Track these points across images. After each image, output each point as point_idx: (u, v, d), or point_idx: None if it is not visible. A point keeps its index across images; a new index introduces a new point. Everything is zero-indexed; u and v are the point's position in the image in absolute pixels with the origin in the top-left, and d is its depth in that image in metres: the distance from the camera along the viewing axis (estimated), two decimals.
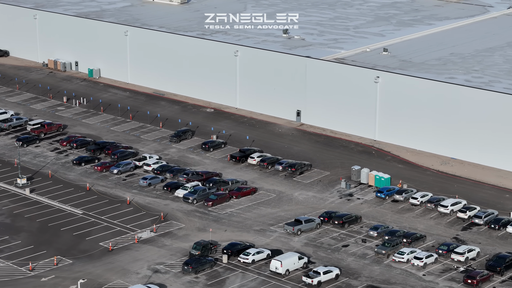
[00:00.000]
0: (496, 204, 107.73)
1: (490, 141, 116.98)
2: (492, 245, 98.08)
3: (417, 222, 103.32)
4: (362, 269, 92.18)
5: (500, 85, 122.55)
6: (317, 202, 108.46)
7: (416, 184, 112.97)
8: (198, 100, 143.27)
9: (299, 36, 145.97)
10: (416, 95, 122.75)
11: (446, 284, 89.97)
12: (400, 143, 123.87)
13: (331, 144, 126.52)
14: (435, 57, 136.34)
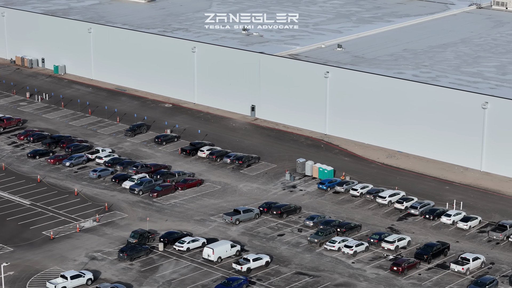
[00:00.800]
0: (435, 195, 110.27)
1: (435, 135, 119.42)
2: (425, 235, 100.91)
3: (355, 213, 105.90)
4: (294, 257, 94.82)
5: (446, 80, 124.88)
6: (260, 193, 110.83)
7: (360, 176, 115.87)
8: (158, 96, 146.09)
9: (257, 33, 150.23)
10: (364, 89, 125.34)
11: (373, 271, 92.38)
12: (349, 137, 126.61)
13: (282, 138, 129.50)
14: (388, 53, 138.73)
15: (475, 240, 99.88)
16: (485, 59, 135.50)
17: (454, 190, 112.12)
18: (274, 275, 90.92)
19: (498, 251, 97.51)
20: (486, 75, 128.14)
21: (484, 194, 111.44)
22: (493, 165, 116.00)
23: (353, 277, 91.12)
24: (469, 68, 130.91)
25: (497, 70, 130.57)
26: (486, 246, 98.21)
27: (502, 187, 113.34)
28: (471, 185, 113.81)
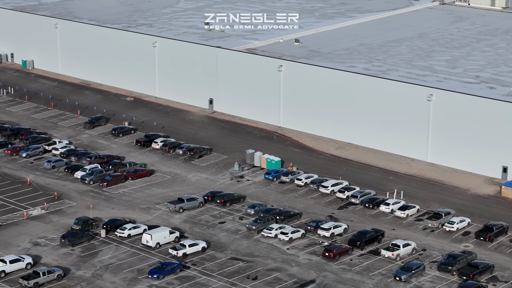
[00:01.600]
0: (378, 185, 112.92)
1: (383, 127, 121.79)
2: (363, 223, 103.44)
3: (297, 202, 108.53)
4: (231, 243, 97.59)
5: (396, 73, 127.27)
6: (208, 183, 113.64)
7: (307, 167, 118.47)
8: (121, 90, 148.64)
9: (219, 28, 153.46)
10: (316, 83, 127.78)
11: (306, 257, 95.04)
12: (302, 129, 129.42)
13: (237, 130, 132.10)
14: (344, 47, 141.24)
15: (411, 228, 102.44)
16: (438, 53, 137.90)
17: (398, 180, 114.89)
18: (209, 260, 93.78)
19: (432, 239, 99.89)
20: (436, 68, 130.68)
21: (426, 184, 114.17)
22: (438, 156, 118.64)
23: (285, 263, 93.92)
24: (421, 62, 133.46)
25: (448, 63, 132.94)
26: (421, 233, 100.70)
27: (445, 177, 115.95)
28: (415, 175, 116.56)
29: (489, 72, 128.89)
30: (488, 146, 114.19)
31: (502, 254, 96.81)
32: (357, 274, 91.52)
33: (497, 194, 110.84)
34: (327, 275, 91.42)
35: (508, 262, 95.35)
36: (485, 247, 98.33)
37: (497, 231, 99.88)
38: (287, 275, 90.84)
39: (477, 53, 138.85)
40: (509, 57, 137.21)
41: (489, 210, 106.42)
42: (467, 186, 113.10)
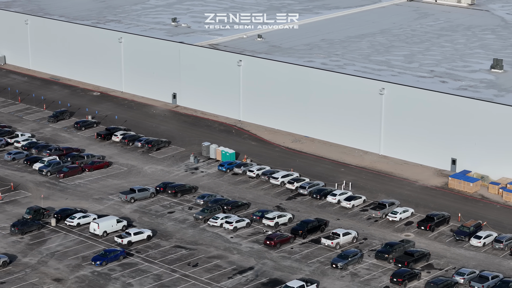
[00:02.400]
0: (329, 177, 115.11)
1: (338, 120, 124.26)
2: (309, 213, 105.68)
3: (248, 193, 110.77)
4: (177, 232, 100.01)
5: (352, 68, 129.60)
6: (163, 174, 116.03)
7: (261, 159, 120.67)
8: (88, 85, 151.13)
9: (186, 24, 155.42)
10: (274, 77, 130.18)
11: (249, 245, 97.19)
12: (261, 123, 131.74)
13: (197, 124, 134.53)
14: (305, 42, 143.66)
15: (355, 217, 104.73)
16: (397, 49, 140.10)
17: (349, 172, 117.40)
18: (153, 248, 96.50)
19: (375, 228, 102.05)
20: (393, 63, 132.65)
21: (376, 176, 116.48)
22: (390, 149, 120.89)
23: (227, 250, 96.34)
24: (379, 57, 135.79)
25: (405, 58, 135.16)
26: (364, 223, 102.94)
27: (395, 169, 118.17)
28: (366, 167, 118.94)
29: (444, 67, 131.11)
30: (438, 139, 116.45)
31: (441, 243, 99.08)
32: (295, 262, 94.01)
33: (444, 186, 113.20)
34: (266, 262, 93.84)
35: (445, 251, 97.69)
36: (426, 236, 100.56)
37: (438, 220, 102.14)
38: (227, 262, 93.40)
39: (435, 48, 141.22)
40: (466, 52, 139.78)
41: (434, 200, 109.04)
42: (416, 178, 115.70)
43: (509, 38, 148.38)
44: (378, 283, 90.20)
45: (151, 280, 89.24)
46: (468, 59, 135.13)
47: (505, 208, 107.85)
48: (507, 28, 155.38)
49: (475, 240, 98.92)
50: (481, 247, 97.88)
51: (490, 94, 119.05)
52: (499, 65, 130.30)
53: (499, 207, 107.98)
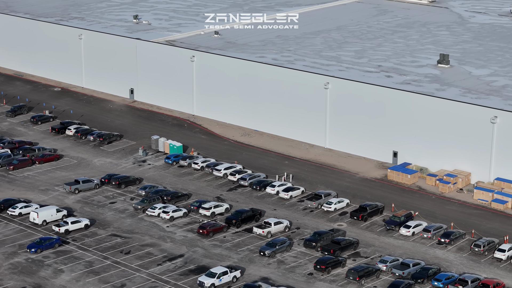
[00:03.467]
0: (272, 169, 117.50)
1: (286, 114, 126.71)
2: (248, 203, 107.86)
3: (191, 184, 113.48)
4: (115, 221, 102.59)
5: (301, 63, 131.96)
6: (111, 167, 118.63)
7: (209, 152, 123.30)
8: (50, 81, 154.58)
9: (147, 21, 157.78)
10: (226, 72, 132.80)
11: (183, 234, 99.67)
12: (214, 117, 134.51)
13: (151, 118, 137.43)
14: (260, 39, 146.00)
15: (292, 208, 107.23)
16: (350, 45, 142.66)
17: (292, 164, 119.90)
18: (90, 236, 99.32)
19: (309, 218, 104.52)
20: (343, 58, 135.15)
21: (319, 168, 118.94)
22: (335, 142, 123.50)
23: (161, 239, 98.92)
24: (330, 52, 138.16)
25: (355, 54, 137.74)
26: (300, 213, 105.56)
27: (338, 162, 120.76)
28: (310, 160, 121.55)
29: (392, 62, 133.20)
30: (380, 132, 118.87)
31: (372, 233, 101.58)
32: (226, 250, 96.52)
33: (384, 178, 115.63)
34: (197, 250, 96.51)
35: (375, 240, 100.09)
36: (358, 226, 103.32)
37: (370, 211, 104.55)
38: (159, 250, 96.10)
39: (387, 44, 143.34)
40: (418, 48, 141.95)
41: (372, 192, 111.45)
42: (358, 170, 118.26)
43: (462, 35, 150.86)
44: (303, 270, 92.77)
45: (82, 267, 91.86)
46: (417, 54, 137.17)
47: (440, 199, 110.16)
48: (462, 25, 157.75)
49: (404, 229, 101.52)
50: (410, 236, 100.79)
51: (432, 88, 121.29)
52: (446, 60, 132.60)
53: (434, 198, 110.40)
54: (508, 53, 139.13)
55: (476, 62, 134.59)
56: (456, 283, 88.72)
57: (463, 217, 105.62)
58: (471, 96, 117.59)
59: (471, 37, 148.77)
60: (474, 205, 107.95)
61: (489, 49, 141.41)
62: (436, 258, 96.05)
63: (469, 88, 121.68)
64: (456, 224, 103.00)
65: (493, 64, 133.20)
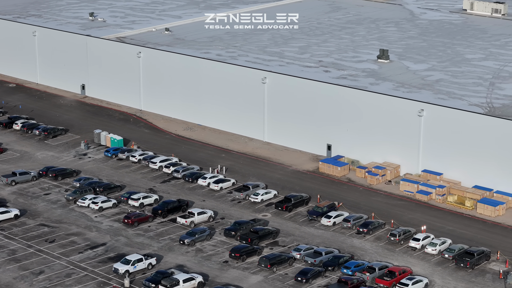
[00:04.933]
0: (208, 161, 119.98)
1: (227, 109, 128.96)
2: (179, 195, 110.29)
3: (126, 176, 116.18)
4: (46, 212, 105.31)
5: (244, 59, 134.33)
6: (52, 160, 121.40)
7: (149, 146, 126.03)
8: (6, 77, 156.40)
9: (102, 19, 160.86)
10: (171, 68, 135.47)
11: (109, 223, 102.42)
12: (160, 112, 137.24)
13: (99, 113, 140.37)
14: (209, 35, 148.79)
15: (221, 199, 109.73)
16: (296, 41, 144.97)
17: (229, 157, 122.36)
18: (18, 226, 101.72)
19: (236, 209, 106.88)
20: (286, 54, 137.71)
21: (254, 161, 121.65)
22: (273, 136, 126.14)
23: (87, 228, 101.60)
24: (275, 48, 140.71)
25: (299, 50, 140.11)
26: (228, 204, 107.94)
27: (274, 155, 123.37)
28: (247, 153, 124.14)
29: (333, 57, 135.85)
30: (315, 126, 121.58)
31: (294, 223, 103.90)
32: (148, 239, 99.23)
33: (316, 170, 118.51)
34: (119, 239, 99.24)
35: (296, 229, 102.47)
36: (282, 216, 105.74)
37: (295, 202, 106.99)
38: (83, 239, 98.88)
39: (333, 40, 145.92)
40: (362, 43, 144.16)
41: (302, 184, 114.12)
42: (291, 163, 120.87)
43: (409, 31, 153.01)
44: (219, 258, 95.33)
45: (5, 255, 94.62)
46: (361, 50, 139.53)
47: (367, 191, 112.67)
48: (411, 21, 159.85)
49: (325, 219, 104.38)
50: (331, 226, 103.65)
51: (367, 82, 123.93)
52: (385, 56, 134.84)
53: (362, 190, 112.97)
54: (450, 48, 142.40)
55: (416, 57, 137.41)
56: (364, 271, 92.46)
57: (387, 207, 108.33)
58: (403, 90, 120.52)
59: (417, 33, 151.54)
60: (399, 196, 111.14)
61: (432, 45, 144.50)
62: (352, 247, 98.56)
63: (403, 83, 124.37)
64: (378, 214, 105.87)
65: (433, 59, 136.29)
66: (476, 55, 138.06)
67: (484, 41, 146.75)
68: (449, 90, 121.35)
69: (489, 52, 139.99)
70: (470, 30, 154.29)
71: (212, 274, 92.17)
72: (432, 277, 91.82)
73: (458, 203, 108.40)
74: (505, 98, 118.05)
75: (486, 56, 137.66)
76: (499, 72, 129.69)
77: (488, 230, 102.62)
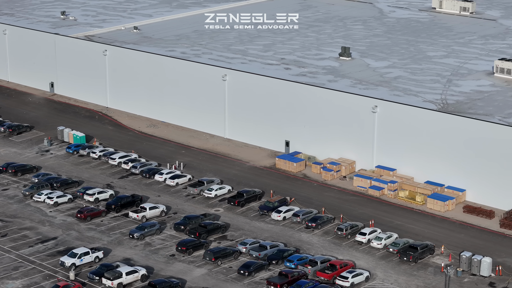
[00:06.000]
0: (167, 158, 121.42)
1: (188, 106, 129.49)
2: (135, 190, 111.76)
3: (86, 172, 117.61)
4: (1, 207, 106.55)
5: (207, 56, 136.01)
6: (15, 156, 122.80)
7: (112, 142, 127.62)
8: None
9: (73, 17, 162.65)
10: (135, 66, 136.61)
11: (63, 218, 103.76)
12: (126, 109, 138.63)
13: (65, 110, 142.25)
14: (177, 33, 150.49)
15: (176, 194, 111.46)
16: (261, 39, 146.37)
17: (188, 154, 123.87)
18: None
19: (190, 204, 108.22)
20: (250, 52, 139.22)
21: (213, 157, 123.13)
22: (234, 132, 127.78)
23: (40, 223, 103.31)
24: (239, 46, 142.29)
25: (263, 47, 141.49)
26: (182, 199, 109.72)
27: (234, 151, 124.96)
28: (207, 149, 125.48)
29: (296, 55, 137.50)
30: (274, 123, 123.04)
31: (246, 218, 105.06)
32: (99, 233, 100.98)
33: (273, 166, 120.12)
34: (71, 233, 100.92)
35: (245, 224, 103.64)
36: (234, 211, 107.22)
37: (247, 197, 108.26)
38: (35, 233, 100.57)
39: (298, 38, 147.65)
40: (327, 41, 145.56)
41: (257, 179, 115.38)
42: (250, 159, 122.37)
43: (375, 29, 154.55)
44: (166, 251, 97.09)
45: None
46: (324, 48, 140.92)
47: (321, 186, 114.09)
48: (379, 20, 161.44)
49: (275, 214, 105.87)
50: (281, 220, 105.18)
51: (325, 79, 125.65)
52: (347, 53, 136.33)
53: (316, 185, 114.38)
54: (413, 46, 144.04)
55: (378, 54, 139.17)
56: (306, 264, 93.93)
57: (339, 203, 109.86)
58: (360, 87, 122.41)
59: (383, 31, 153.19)
60: (352, 192, 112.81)
61: (396, 43, 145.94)
62: (299, 241, 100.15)
63: (361, 80, 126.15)
64: (329, 209, 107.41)
65: (394, 56, 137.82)
66: (438, 53, 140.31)
67: (448, 39, 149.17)
68: (406, 87, 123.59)
69: (451, 50, 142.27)
70: (436, 28, 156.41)
71: (158, 267, 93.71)
72: (375, 270, 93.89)
73: (409, 198, 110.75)
74: (460, 94, 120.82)
75: (448, 54, 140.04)
76: (458, 69, 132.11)
77: (436, 225, 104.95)
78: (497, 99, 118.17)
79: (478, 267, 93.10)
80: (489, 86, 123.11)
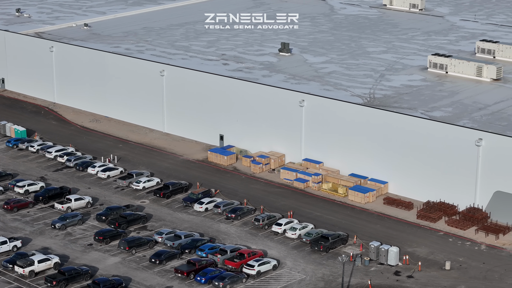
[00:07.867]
0: (103, 151, 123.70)
1: (130, 101, 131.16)
2: (67, 182, 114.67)
3: (22, 165, 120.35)
4: None
5: (150, 52, 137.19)
6: None
7: (53, 137, 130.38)
8: None
9: (27, 15, 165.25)
10: (81, 61, 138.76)
11: None
12: (72, 105, 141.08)
13: (13, 106, 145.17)
14: (125, 30, 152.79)
15: (106, 186, 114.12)
16: (208, 35, 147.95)
17: (125, 147, 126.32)
18: None
19: (118, 195, 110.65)
20: (193, 48, 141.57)
21: (148, 151, 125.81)
22: (172, 127, 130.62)
23: None
24: (184, 42, 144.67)
25: (207, 44, 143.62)
26: (111, 191, 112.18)
27: (169, 145, 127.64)
28: (144, 143, 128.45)
29: (237, 51, 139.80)
30: (209, 117, 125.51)
31: (169, 209, 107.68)
32: (23, 223, 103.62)
33: (205, 159, 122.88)
34: None
35: (168, 215, 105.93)
36: (159, 203, 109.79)
37: (173, 189, 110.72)
38: None
39: (244, 34, 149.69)
40: (271, 38, 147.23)
41: (188, 172, 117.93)
42: (184, 153, 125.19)
43: (321, 25, 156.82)
44: (85, 241, 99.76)
45: None
46: (267, 44, 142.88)
47: (249, 179, 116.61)
48: (328, 16, 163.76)
49: (197, 205, 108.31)
50: (203, 212, 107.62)
51: (260, 75, 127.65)
52: (286, 49, 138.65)
53: (244, 178, 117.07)
54: (354, 42, 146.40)
55: (318, 50, 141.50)
56: (216, 253, 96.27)
57: (263, 195, 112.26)
58: (292, 82, 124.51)
59: (329, 28, 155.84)
60: (279, 184, 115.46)
61: (339, 39, 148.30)
62: (217, 231, 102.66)
63: (295, 75, 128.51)
64: (252, 201, 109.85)
65: (334, 52, 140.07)
66: (378, 48, 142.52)
67: (391, 35, 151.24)
68: (338, 81, 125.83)
69: (391, 46, 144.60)
70: (382, 25, 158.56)
71: (73, 255, 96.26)
72: (285, 259, 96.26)
73: (332, 190, 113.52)
74: (389, 89, 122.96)
75: (388, 49, 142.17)
76: (393, 65, 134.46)
77: (354, 216, 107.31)
78: (424, 94, 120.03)
79: (386, 257, 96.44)
80: (419, 81, 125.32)
